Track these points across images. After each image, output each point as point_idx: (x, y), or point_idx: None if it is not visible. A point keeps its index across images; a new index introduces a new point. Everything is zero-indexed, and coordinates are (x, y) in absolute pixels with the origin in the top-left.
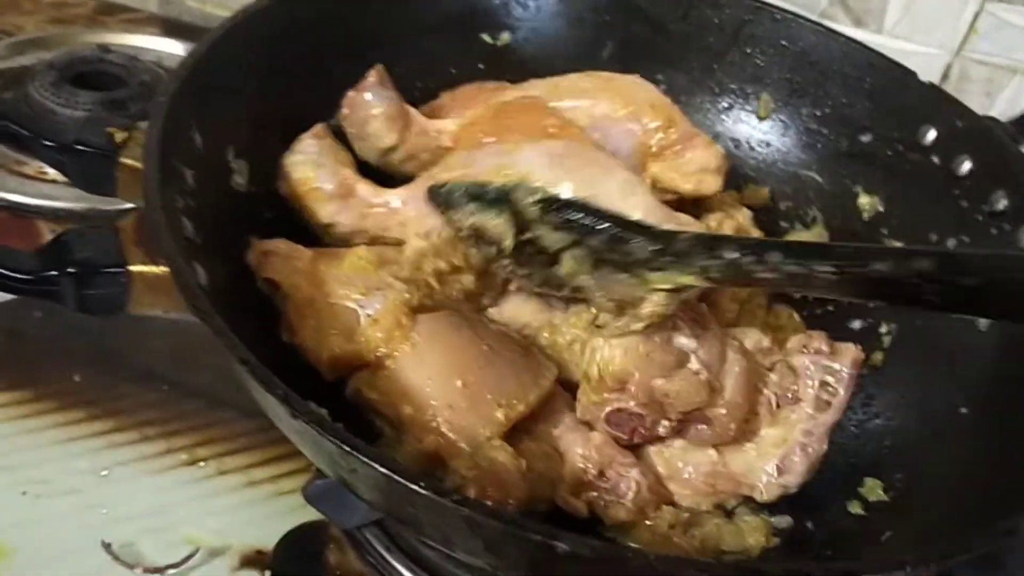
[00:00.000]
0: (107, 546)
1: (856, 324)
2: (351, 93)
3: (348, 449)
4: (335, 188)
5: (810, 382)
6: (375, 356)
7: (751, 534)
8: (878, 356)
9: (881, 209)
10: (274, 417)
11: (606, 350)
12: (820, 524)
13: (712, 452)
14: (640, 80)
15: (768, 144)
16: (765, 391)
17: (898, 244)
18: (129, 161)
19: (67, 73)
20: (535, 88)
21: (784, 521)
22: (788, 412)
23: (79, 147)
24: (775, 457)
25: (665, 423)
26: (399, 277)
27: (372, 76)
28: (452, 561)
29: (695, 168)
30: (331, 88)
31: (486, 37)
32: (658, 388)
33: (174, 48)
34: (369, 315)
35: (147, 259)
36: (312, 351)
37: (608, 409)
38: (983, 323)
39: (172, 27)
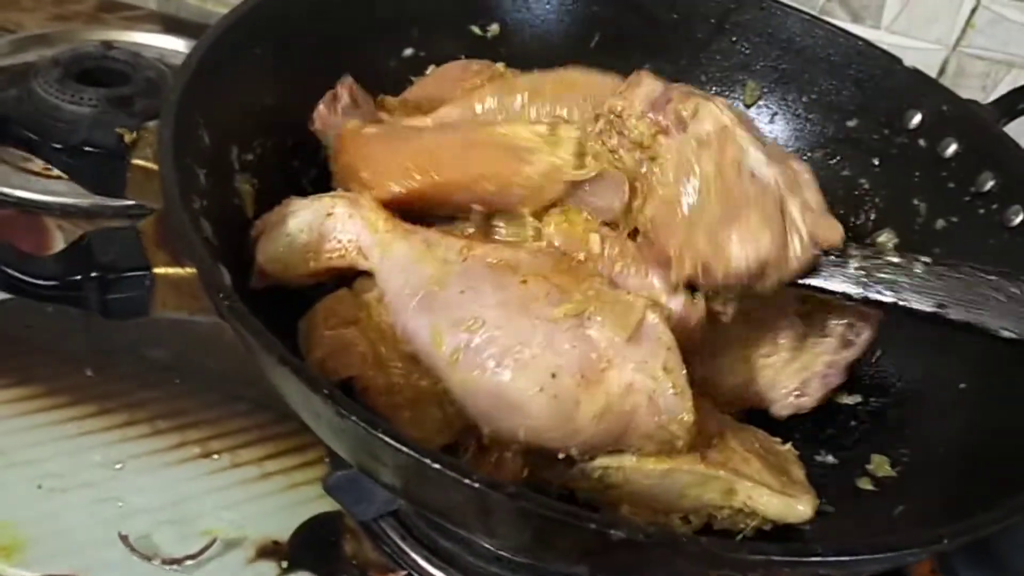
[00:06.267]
0: (124, 538)
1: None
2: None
3: (400, 447)
4: None
5: (840, 320)
6: None
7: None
8: None
9: (869, 192)
10: (309, 414)
11: None
12: (833, 501)
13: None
14: None
15: None
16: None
17: (885, 227)
18: (140, 162)
19: (71, 69)
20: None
21: None
22: (814, 343)
23: (88, 149)
24: (796, 379)
25: None
26: None
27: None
28: (469, 550)
29: None
30: (331, 77)
31: (476, 28)
32: None
33: (175, 45)
34: None
35: (171, 261)
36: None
37: None
38: None
39: (172, 24)
